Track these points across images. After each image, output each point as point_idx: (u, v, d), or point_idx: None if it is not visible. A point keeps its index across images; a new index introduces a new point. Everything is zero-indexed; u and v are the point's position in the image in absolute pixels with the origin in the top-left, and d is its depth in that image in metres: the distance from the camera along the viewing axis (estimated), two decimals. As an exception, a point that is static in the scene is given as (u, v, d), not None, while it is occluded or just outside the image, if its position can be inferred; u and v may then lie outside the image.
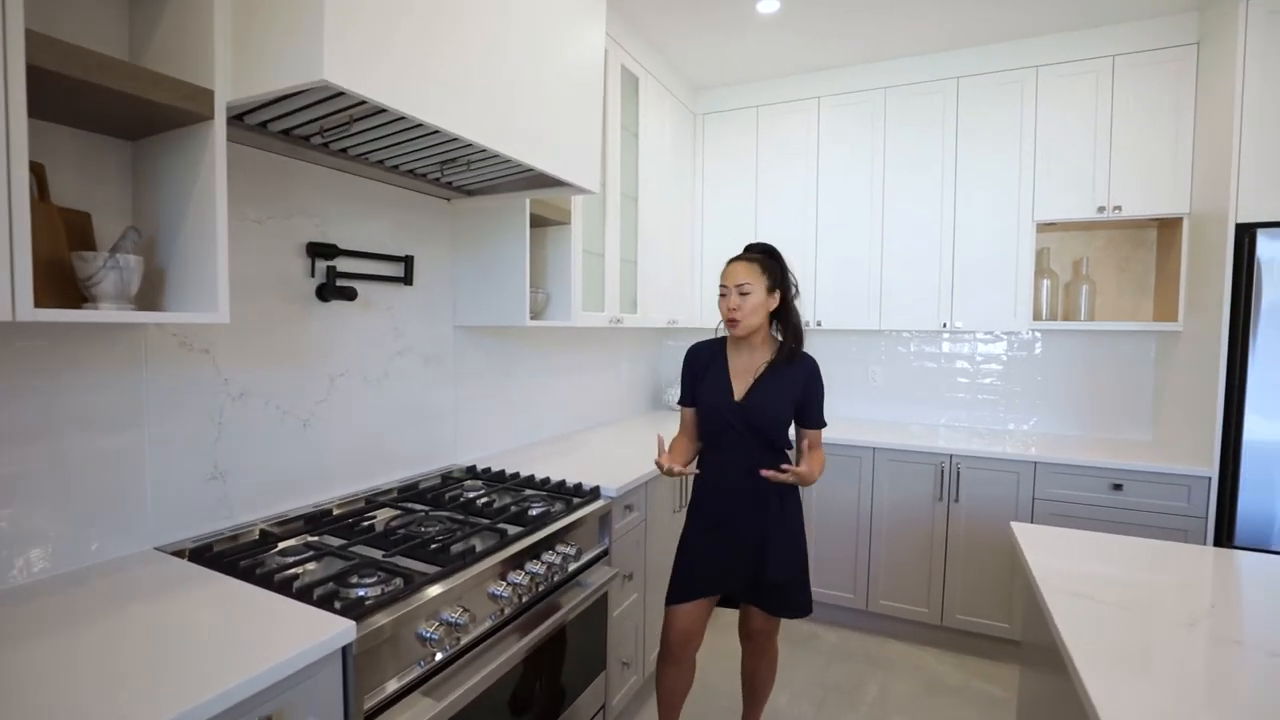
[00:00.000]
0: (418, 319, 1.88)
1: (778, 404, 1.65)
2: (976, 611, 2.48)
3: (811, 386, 1.68)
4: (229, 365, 1.37)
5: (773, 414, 1.64)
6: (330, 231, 1.59)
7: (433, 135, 1.35)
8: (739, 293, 1.62)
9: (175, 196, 1.11)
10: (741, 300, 1.62)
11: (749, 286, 1.62)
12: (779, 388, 1.65)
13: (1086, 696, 0.83)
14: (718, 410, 1.68)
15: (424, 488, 1.75)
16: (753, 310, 1.63)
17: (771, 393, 1.65)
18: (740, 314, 1.62)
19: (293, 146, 1.40)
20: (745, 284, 1.62)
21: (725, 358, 1.74)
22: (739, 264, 1.65)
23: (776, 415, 1.65)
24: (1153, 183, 2.40)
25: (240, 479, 1.40)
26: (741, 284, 1.62)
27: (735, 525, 1.67)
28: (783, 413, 1.65)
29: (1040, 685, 1.34)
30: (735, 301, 1.63)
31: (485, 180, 1.79)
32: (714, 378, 1.72)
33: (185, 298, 1.11)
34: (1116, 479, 2.25)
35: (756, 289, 1.62)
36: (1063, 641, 0.98)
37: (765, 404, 1.64)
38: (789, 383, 1.66)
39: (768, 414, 1.64)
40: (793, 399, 1.66)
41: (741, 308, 1.62)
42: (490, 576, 1.31)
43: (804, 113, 2.99)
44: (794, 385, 1.66)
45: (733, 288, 1.63)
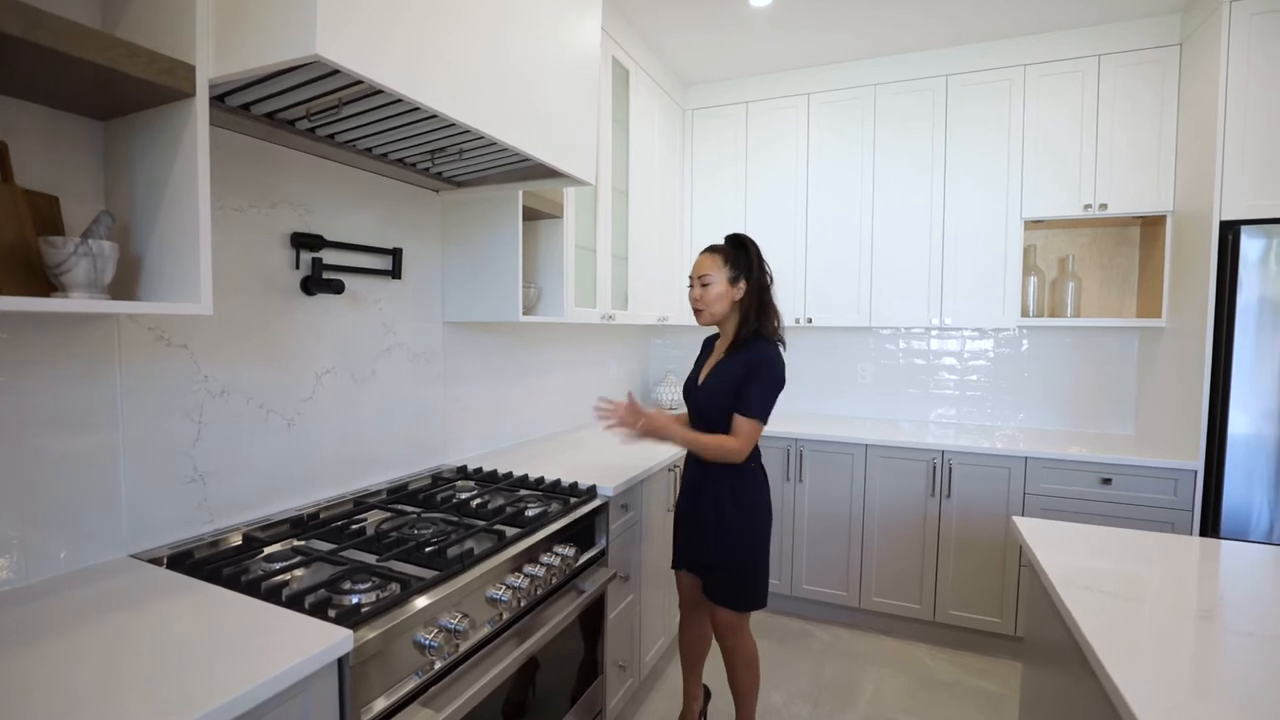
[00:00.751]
0: (406, 314, 1.82)
1: (720, 388, 1.67)
2: (968, 607, 2.49)
3: (750, 372, 1.62)
4: (209, 361, 1.29)
5: (712, 397, 1.68)
6: (315, 222, 1.52)
7: (427, 121, 1.30)
8: (700, 284, 1.68)
9: (152, 180, 1.04)
10: (703, 291, 1.68)
11: (709, 278, 1.67)
12: (726, 372, 1.67)
13: (1117, 693, 0.81)
14: (687, 393, 1.80)
15: (414, 489, 1.69)
16: (715, 300, 1.67)
17: (720, 378, 1.68)
18: (701, 304, 1.69)
19: (276, 131, 1.33)
20: (705, 275, 1.67)
21: (713, 348, 1.83)
22: (703, 255, 1.71)
23: (715, 399, 1.68)
24: (1138, 181, 2.44)
25: (221, 481, 1.32)
26: (702, 275, 1.68)
27: (684, 504, 1.80)
28: (725, 398, 1.65)
29: (1046, 681, 1.33)
30: (697, 292, 1.70)
31: (477, 171, 1.74)
32: (697, 363, 1.84)
33: (163, 288, 1.04)
34: (1106, 473, 2.28)
35: (717, 279, 1.66)
36: (1084, 638, 0.96)
37: (712, 389, 1.69)
38: (735, 369, 1.66)
39: (710, 399, 1.69)
40: (734, 381, 1.65)
41: (703, 298, 1.68)
42: (489, 580, 1.25)
43: (794, 109, 2.98)
44: (738, 370, 1.65)
45: (695, 279, 1.70)
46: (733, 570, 1.70)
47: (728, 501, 1.69)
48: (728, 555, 1.70)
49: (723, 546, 1.70)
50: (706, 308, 1.68)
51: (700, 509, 1.73)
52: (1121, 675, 0.84)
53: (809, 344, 3.25)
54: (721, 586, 1.71)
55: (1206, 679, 0.87)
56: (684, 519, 1.81)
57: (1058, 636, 1.22)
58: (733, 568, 1.70)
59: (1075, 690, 1.11)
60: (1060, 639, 1.21)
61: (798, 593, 2.76)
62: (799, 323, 3.00)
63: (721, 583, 1.71)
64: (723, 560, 1.70)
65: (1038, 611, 1.40)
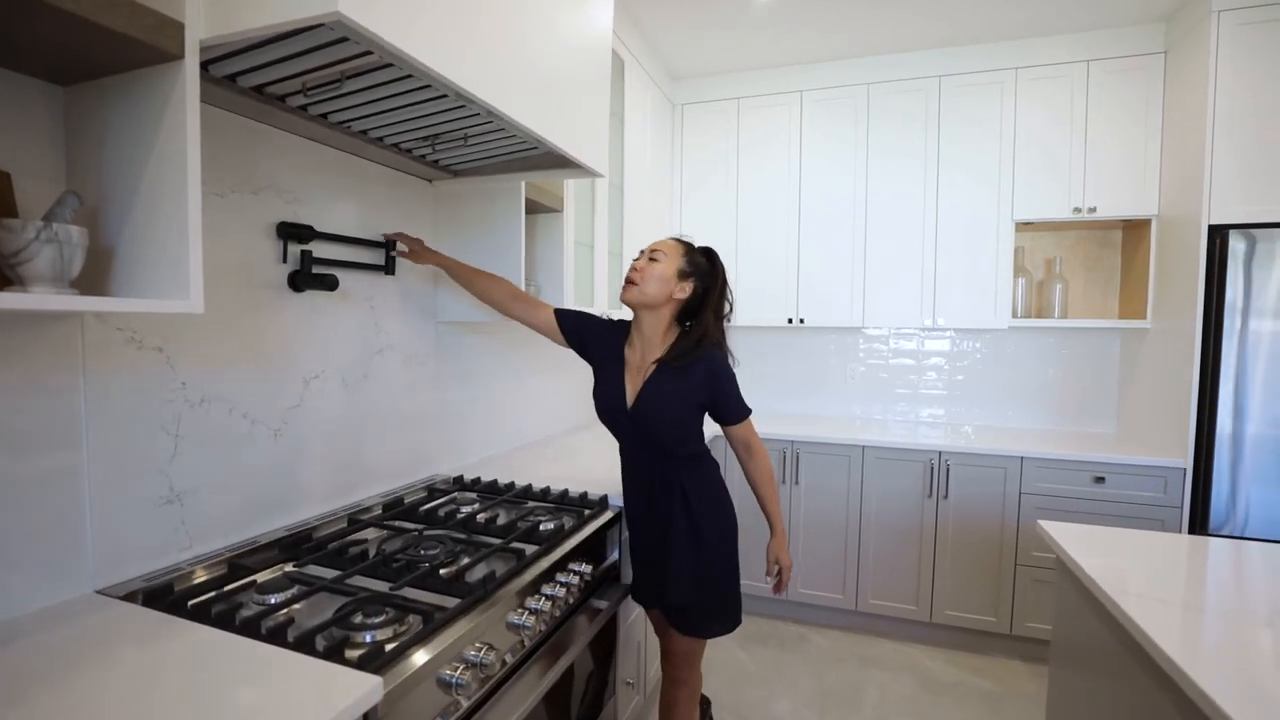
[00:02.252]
0: (398, 313, 1.68)
1: (673, 408, 1.39)
2: (964, 606, 2.50)
3: (716, 382, 1.40)
4: (187, 366, 1.14)
5: (666, 422, 1.40)
6: (303, 212, 1.38)
7: (436, 101, 1.18)
8: (649, 257, 1.41)
9: (127, 157, 0.90)
10: (648, 264, 1.39)
11: (660, 255, 1.40)
12: (674, 389, 1.39)
13: (1212, 705, 0.78)
14: (612, 416, 1.47)
15: (410, 502, 1.56)
16: (655, 278, 1.37)
17: (665, 395, 1.39)
18: (638, 276, 1.38)
19: (264, 107, 1.19)
20: (658, 252, 1.40)
21: (623, 356, 1.48)
22: (665, 239, 1.46)
23: (672, 421, 1.40)
24: (1125, 185, 2.49)
25: (201, 501, 1.17)
26: (655, 250, 1.41)
27: (641, 537, 1.51)
28: (681, 419, 1.41)
29: (1084, 685, 1.30)
30: (641, 263, 1.40)
31: (477, 159, 1.62)
32: (609, 376, 1.48)
33: (142, 283, 0.90)
34: (1099, 472, 2.31)
35: (668, 261, 1.39)
36: (1157, 648, 0.92)
37: (658, 412, 1.39)
38: (686, 384, 1.39)
39: (661, 422, 1.40)
40: (695, 402, 1.41)
41: (645, 270, 1.38)
42: (510, 605, 1.14)
43: (786, 106, 2.94)
44: (693, 386, 1.39)
45: (644, 251, 1.43)
46: (714, 599, 1.47)
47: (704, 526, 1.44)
48: (709, 586, 1.45)
49: (700, 579, 1.44)
50: (643, 283, 1.37)
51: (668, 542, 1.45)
52: (1215, 688, 0.80)
53: (800, 345, 3.22)
54: (695, 618, 1.46)
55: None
56: (640, 551, 1.52)
57: (1103, 642, 1.19)
58: (714, 597, 1.46)
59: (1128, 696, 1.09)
60: (1105, 644, 1.18)
61: (794, 597, 2.72)
62: (791, 323, 2.96)
63: (696, 614, 1.46)
64: (703, 600, 1.45)
65: (1070, 616, 1.38)
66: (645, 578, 1.53)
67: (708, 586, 1.45)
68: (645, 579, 1.53)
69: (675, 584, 1.44)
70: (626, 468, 1.56)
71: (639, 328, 1.45)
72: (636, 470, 1.50)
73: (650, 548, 1.49)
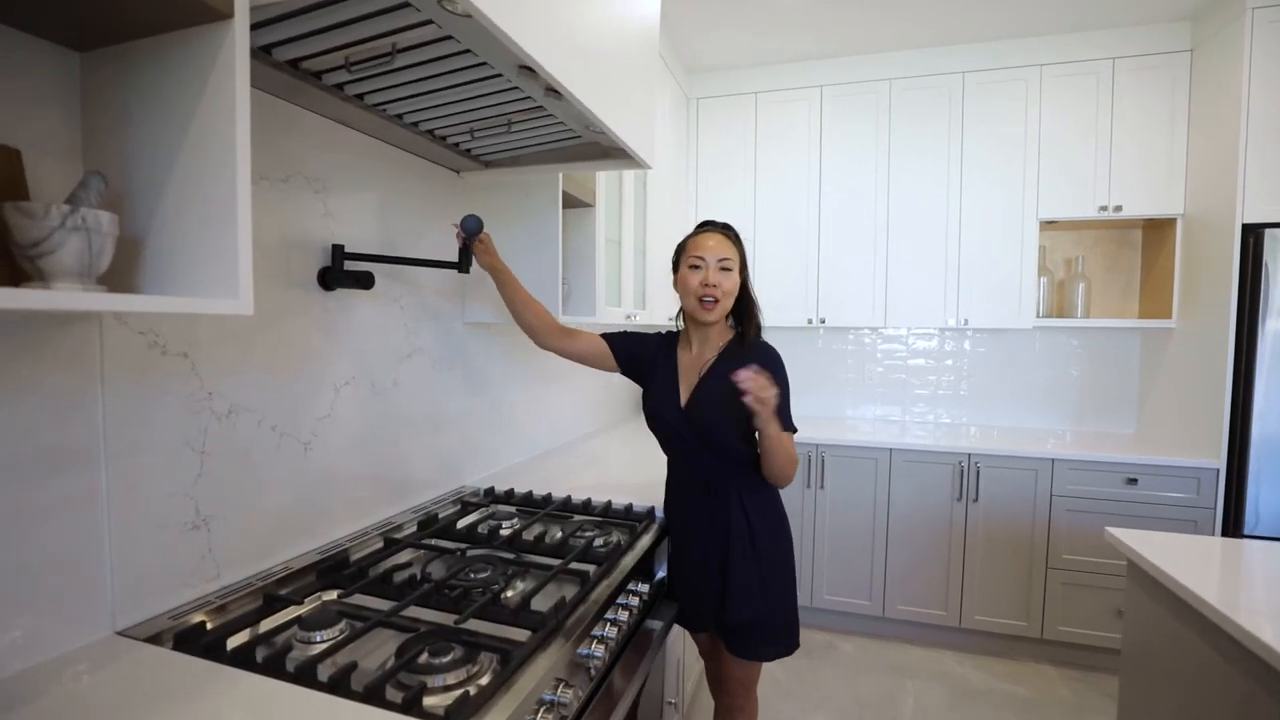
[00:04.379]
0: (428, 314, 1.56)
1: (731, 404, 1.26)
2: (995, 611, 2.45)
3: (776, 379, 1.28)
4: (214, 373, 1.01)
5: (723, 414, 1.30)
6: (333, 202, 1.25)
7: (488, 82, 1.08)
8: (720, 267, 1.30)
9: (159, 133, 0.77)
10: (723, 276, 1.30)
11: (729, 263, 1.31)
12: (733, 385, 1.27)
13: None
14: (666, 421, 1.38)
15: (445, 518, 1.44)
16: (730, 291, 1.31)
17: (723, 390, 1.29)
18: (719, 292, 1.30)
19: (299, 84, 1.07)
20: (727, 259, 1.31)
21: (675, 357, 1.41)
22: (714, 234, 1.34)
23: (728, 416, 1.29)
24: (1150, 184, 2.47)
25: (229, 525, 1.04)
26: (724, 259, 1.31)
27: (693, 554, 1.40)
28: (738, 414, 1.28)
29: (1165, 696, 1.25)
30: (715, 277, 1.29)
31: (511, 149, 1.51)
32: (663, 380, 1.40)
33: (176, 279, 0.77)
34: (1132, 473, 2.28)
35: (736, 267, 1.33)
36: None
37: (714, 405, 1.32)
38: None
39: (717, 415, 1.31)
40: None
41: (721, 285, 1.30)
42: (578, 634, 1.04)
43: (805, 101, 2.87)
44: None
45: (712, 261, 1.30)
46: (779, 620, 1.37)
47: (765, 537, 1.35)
48: (770, 611, 1.35)
49: (765, 602, 1.34)
50: (723, 299, 1.31)
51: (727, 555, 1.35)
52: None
53: (817, 345, 3.16)
54: (756, 639, 1.37)
55: None
56: (693, 569, 1.40)
57: (1199, 655, 1.13)
58: (775, 615, 1.37)
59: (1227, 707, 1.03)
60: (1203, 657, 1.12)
61: (819, 603, 2.65)
62: (811, 324, 2.89)
63: (756, 636, 1.36)
64: (767, 617, 1.35)
65: (1151, 625, 1.33)
66: (699, 598, 1.41)
67: (770, 603, 1.36)
68: (698, 599, 1.41)
69: (735, 602, 1.34)
70: (677, 479, 1.46)
71: (699, 332, 1.39)
72: (690, 480, 1.40)
73: (704, 565, 1.39)
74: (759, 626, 1.36)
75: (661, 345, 1.46)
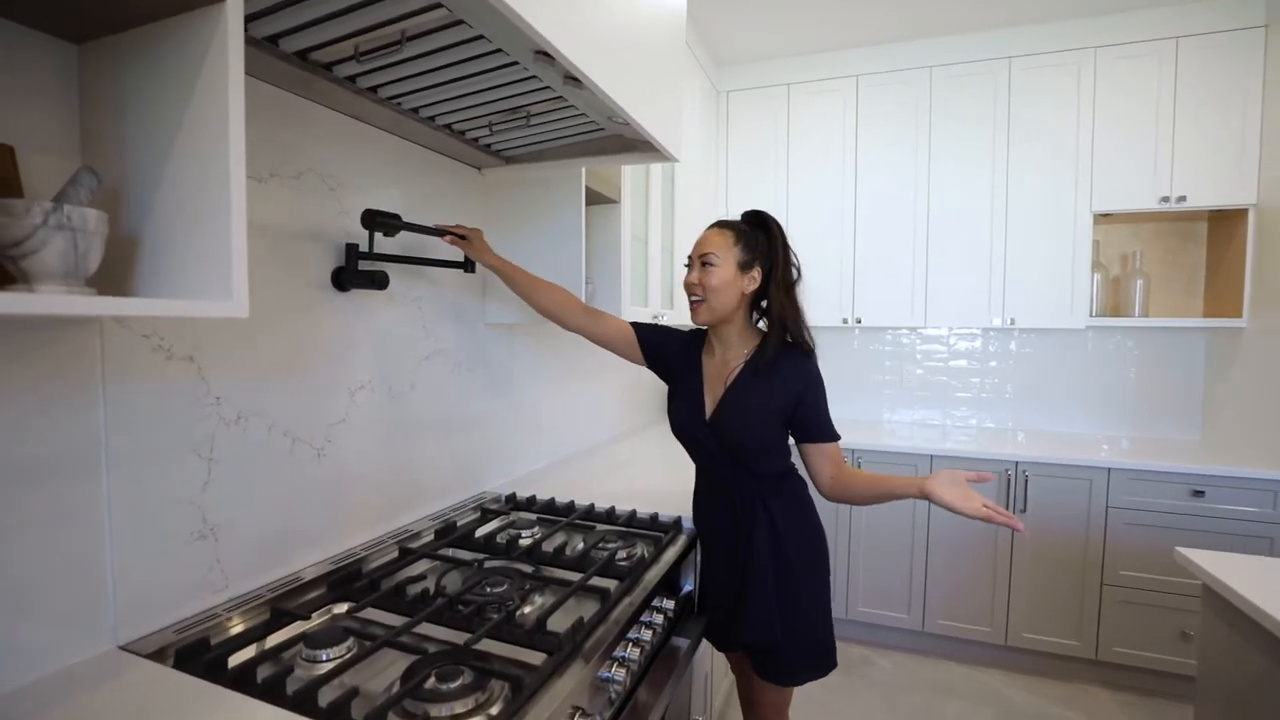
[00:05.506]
0: (447, 315, 1.51)
1: (757, 420, 1.23)
2: (1044, 629, 2.30)
3: (806, 394, 1.24)
4: (221, 378, 0.98)
5: (750, 432, 1.24)
6: (348, 200, 1.21)
7: (504, 71, 1.02)
8: (702, 263, 1.24)
9: (154, 126, 0.73)
10: (704, 273, 1.23)
11: (714, 258, 1.22)
12: (758, 397, 1.23)
13: None
14: (689, 431, 1.31)
15: (464, 526, 1.39)
16: (719, 288, 1.22)
17: (747, 405, 1.24)
18: (701, 290, 1.23)
19: (308, 77, 1.02)
20: (710, 254, 1.23)
21: (700, 362, 1.34)
22: (709, 230, 1.28)
23: (755, 434, 1.24)
24: (1217, 172, 2.29)
25: (237, 534, 1.01)
26: (705, 253, 1.23)
27: (717, 571, 1.34)
28: (765, 430, 1.24)
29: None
30: (694, 275, 1.24)
31: (533, 143, 1.45)
32: (686, 387, 1.34)
33: (172, 279, 0.73)
34: (1198, 485, 2.11)
35: (724, 262, 1.22)
36: None
37: (740, 420, 1.24)
38: (774, 392, 1.23)
39: (744, 432, 1.24)
40: (780, 410, 1.24)
41: (703, 283, 1.23)
42: (598, 656, 0.97)
43: (840, 92, 2.75)
44: (778, 392, 1.23)
45: (695, 259, 1.25)
46: (802, 639, 1.28)
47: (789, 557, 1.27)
48: (796, 623, 1.27)
49: (785, 615, 1.26)
50: (708, 297, 1.23)
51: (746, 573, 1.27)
52: None
53: (853, 346, 3.03)
54: (781, 662, 1.29)
55: None
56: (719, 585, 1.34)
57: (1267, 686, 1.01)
58: (801, 636, 1.28)
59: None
60: None
61: (854, 615, 2.53)
62: (846, 323, 2.77)
63: (781, 658, 1.28)
64: (788, 636, 1.26)
65: (1227, 654, 1.20)
66: (724, 614, 1.33)
67: (795, 623, 1.26)
68: (724, 616, 1.33)
69: (754, 620, 1.25)
70: (703, 490, 1.39)
71: (716, 335, 1.32)
72: (715, 492, 1.34)
73: (728, 582, 1.32)
74: (785, 648, 1.27)
75: (688, 345, 1.38)
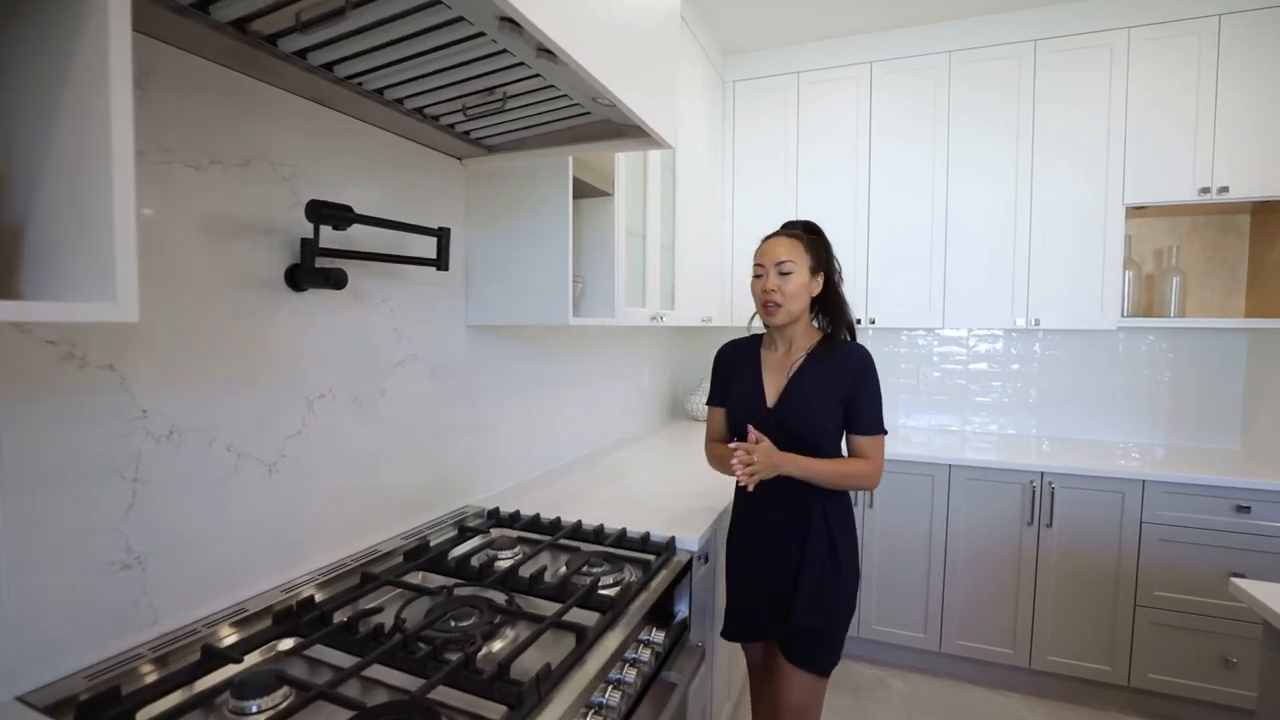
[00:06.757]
0: (423, 317, 1.40)
1: (819, 405, 1.34)
2: (1071, 652, 2.15)
3: (859, 380, 1.35)
4: (149, 389, 0.87)
5: (813, 417, 1.34)
6: (305, 191, 1.10)
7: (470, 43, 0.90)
8: (779, 272, 1.35)
9: (38, 95, 0.63)
10: (781, 281, 1.34)
11: (791, 265, 1.34)
12: (820, 386, 1.35)
13: None
14: (749, 420, 1.36)
15: (437, 546, 1.28)
16: (795, 294, 1.35)
17: (810, 392, 1.35)
18: (780, 296, 1.34)
19: (251, 51, 0.91)
20: (786, 262, 1.34)
21: (759, 356, 1.46)
22: (778, 240, 1.39)
23: (818, 419, 1.34)
24: (1265, 160, 2.11)
25: (170, 563, 0.90)
26: (782, 262, 1.34)
27: (769, 559, 1.39)
28: (826, 415, 1.34)
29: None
30: (774, 281, 1.35)
31: (514, 130, 1.33)
32: (745, 380, 1.44)
33: (63, 276, 0.62)
34: (1243, 499, 1.94)
35: (799, 268, 1.35)
36: None
37: (803, 406, 1.34)
38: (832, 379, 1.35)
39: (807, 418, 1.34)
40: (839, 398, 1.35)
41: (781, 289, 1.34)
42: (571, 705, 0.85)
43: (853, 81, 2.61)
44: (838, 381, 1.35)
45: (771, 266, 1.36)
46: (835, 627, 1.37)
47: (842, 547, 1.36)
48: (833, 619, 1.35)
49: (826, 602, 1.34)
50: (786, 302, 1.34)
51: (803, 559, 1.35)
52: None
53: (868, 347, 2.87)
54: (812, 648, 1.36)
55: None
56: (761, 574, 1.40)
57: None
58: (835, 624, 1.36)
59: None
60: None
61: (866, 634, 2.40)
62: (860, 324, 2.62)
63: (813, 643, 1.36)
64: (829, 625, 1.35)
65: None
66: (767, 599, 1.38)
67: (835, 608, 1.35)
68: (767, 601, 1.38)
69: (806, 600, 1.33)
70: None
71: (781, 333, 1.42)
72: (771, 482, 1.34)
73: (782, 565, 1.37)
74: (819, 633, 1.34)
75: (741, 351, 1.50)
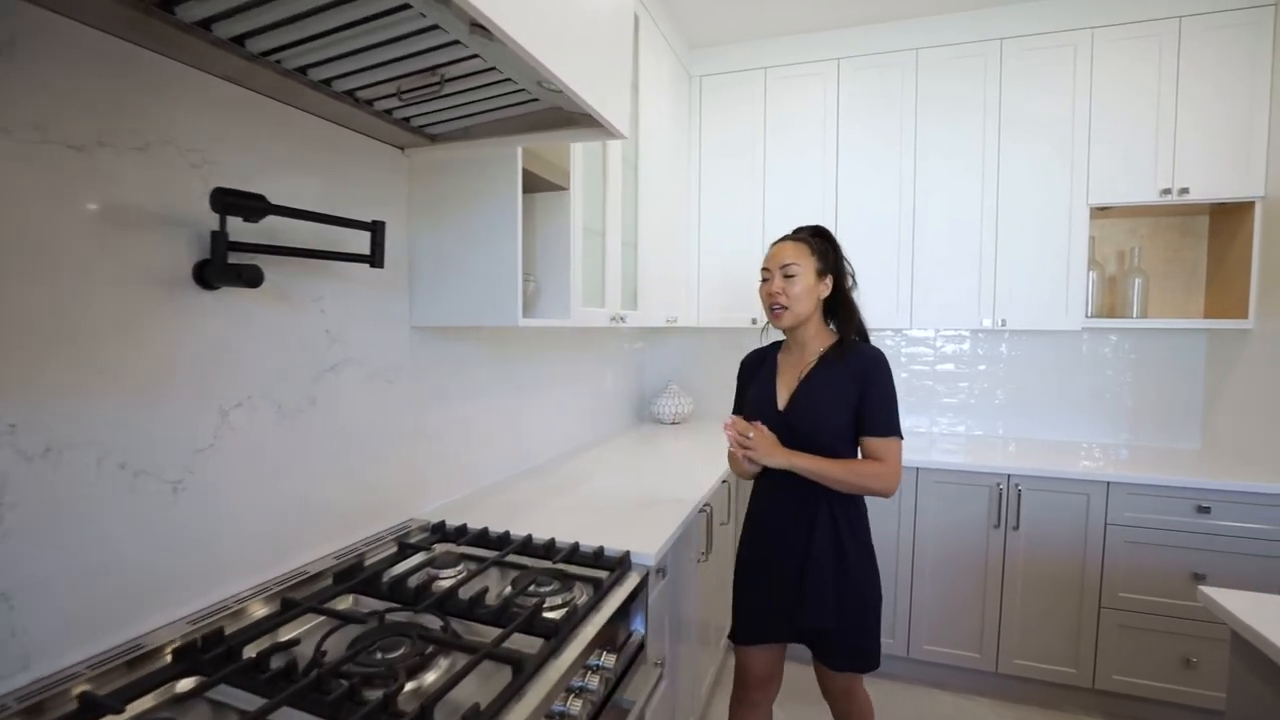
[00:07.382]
0: (361, 317, 1.31)
1: (828, 407, 1.36)
2: (1037, 655, 2.14)
3: (869, 381, 1.36)
4: (18, 401, 0.76)
5: (822, 419, 1.36)
6: (217, 179, 1.00)
7: (394, 15, 0.82)
8: (783, 275, 1.39)
9: None
10: (786, 283, 1.39)
11: (795, 268, 1.38)
12: (830, 388, 1.37)
13: None
14: (762, 421, 1.41)
15: (373, 565, 1.18)
16: (800, 296, 1.38)
17: (820, 394, 1.37)
18: (785, 299, 1.38)
19: (148, 22, 0.81)
20: (791, 264, 1.39)
21: (775, 361, 1.50)
22: (784, 244, 1.44)
23: (827, 420, 1.36)
24: (1222, 162, 2.13)
25: (47, 598, 0.80)
26: (787, 265, 1.39)
27: (778, 560, 1.42)
28: (836, 417, 1.36)
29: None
30: (779, 284, 1.39)
31: (458, 117, 1.24)
32: (760, 385, 1.48)
33: None
34: (1204, 500, 1.95)
35: (804, 271, 1.39)
36: None
37: (812, 408, 1.37)
38: (843, 380, 1.37)
39: (816, 420, 1.36)
40: (849, 400, 1.36)
41: (786, 292, 1.38)
42: (504, 747, 0.77)
43: (820, 77, 2.57)
44: (848, 383, 1.36)
45: (776, 270, 1.40)
46: (864, 626, 1.40)
47: (852, 547, 1.38)
48: (853, 617, 1.38)
49: (847, 600, 1.37)
50: (791, 305, 1.38)
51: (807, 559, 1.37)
52: None
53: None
54: (843, 649, 1.40)
55: None
56: (772, 574, 1.42)
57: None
58: (853, 624, 1.38)
59: None
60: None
61: (834, 641, 2.35)
62: (827, 324, 2.59)
63: (843, 644, 1.39)
64: (850, 624, 1.38)
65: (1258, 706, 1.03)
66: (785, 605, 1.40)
67: (847, 609, 1.37)
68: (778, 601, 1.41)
69: (810, 604, 1.36)
70: (768, 483, 1.46)
71: (794, 337, 1.45)
72: (781, 481, 1.40)
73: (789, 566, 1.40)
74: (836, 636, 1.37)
75: (759, 358, 1.54)
